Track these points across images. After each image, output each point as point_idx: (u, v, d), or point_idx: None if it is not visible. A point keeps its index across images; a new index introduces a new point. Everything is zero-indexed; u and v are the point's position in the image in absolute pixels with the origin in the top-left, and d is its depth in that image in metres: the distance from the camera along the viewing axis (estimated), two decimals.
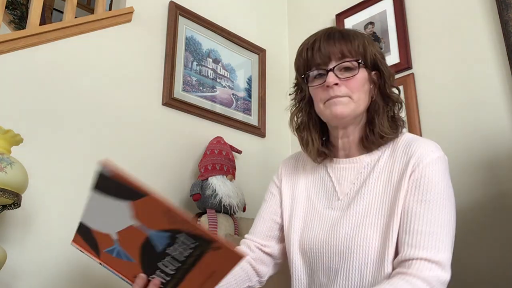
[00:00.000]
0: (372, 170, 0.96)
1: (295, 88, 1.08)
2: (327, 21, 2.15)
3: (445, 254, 0.83)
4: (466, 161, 1.52)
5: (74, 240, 0.78)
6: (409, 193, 0.88)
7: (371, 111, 0.98)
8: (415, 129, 1.67)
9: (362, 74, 0.95)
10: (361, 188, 0.96)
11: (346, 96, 0.93)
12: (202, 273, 0.72)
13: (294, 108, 1.07)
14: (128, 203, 0.68)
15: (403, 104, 1.00)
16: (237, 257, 0.68)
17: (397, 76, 1.80)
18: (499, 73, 1.52)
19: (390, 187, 0.92)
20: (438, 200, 0.87)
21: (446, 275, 0.82)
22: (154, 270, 0.75)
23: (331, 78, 0.92)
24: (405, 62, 1.78)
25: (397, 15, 1.87)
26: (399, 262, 0.85)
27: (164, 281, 0.75)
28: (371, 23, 1.97)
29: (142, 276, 0.76)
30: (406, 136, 0.99)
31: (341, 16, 2.08)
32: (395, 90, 1.00)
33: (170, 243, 0.70)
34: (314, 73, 0.97)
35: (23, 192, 1.13)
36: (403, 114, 1.72)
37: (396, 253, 0.87)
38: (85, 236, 0.76)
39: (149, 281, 0.76)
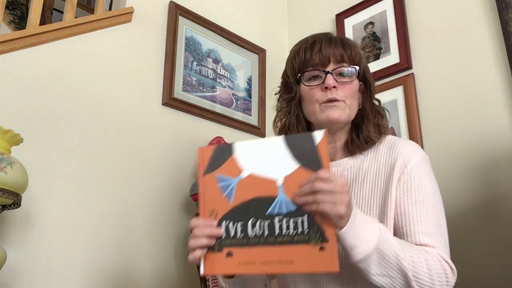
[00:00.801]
0: (357, 173, 0.96)
1: (283, 88, 1.04)
2: (327, 21, 2.15)
3: (448, 252, 0.85)
4: (466, 160, 1.52)
5: (203, 148, 0.79)
6: (402, 195, 0.89)
7: (358, 117, 0.99)
8: (415, 129, 1.68)
9: (356, 82, 0.97)
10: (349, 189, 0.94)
11: (342, 100, 0.94)
12: (277, 254, 0.72)
13: (281, 109, 1.04)
14: (296, 166, 0.73)
15: (385, 114, 1.01)
16: (332, 266, 0.68)
17: (397, 76, 1.80)
18: (499, 73, 1.52)
19: (377, 191, 0.92)
20: (430, 200, 0.88)
21: (454, 277, 0.82)
22: (236, 220, 0.75)
23: (330, 80, 0.93)
24: (405, 62, 1.78)
25: (397, 15, 1.87)
26: None
27: (228, 234, 0.75)
28: (371, 23, 1.97)
29: (213, 223, 0.76)
30: (387, 138, 0.99)
31: (341, 16, 2.08)
32: (376, 102, 1.02)
33: (285, 214, 0.72)
34: (310, 73, 0.96)
35: (23, 192, 1.13)
36: (402, 114, 1.74)
37: None
38: (219, 153, 0.78)
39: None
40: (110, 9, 1.97)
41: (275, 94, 1.07)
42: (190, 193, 1.63)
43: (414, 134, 1.67)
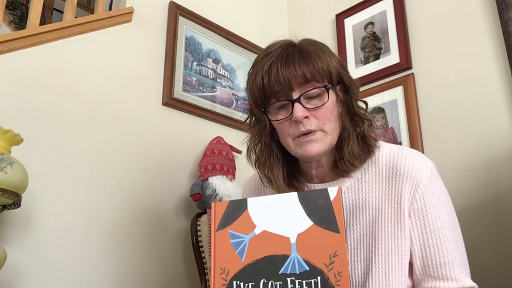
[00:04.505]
0: (356, 196, 0.87)
1: (251, 117, 0.92)
2: (327, 21, 2.15)
3: (467, 271, 0.82)
4: (466, 161, 1.52)
5: (217, 204, 0.78)
6: (417, 225, 0.82)
7: (340, 136, 0.87)
8: (415, 129, 1.68)
9: (331, 99, 0.83)
10: (348, 219, 0.86)
11: (319, 130, 0.82)
12: None
13: (251, 141, 0.92)
14: (310, 223, 0.71)
15: (372, 121, 0.88)
16: None
17: (397, 76, 1.80)
18: (499, 73, 1.52)
19: (381, 218, 0.84)
20: (447, 223, 0.82)
21: None
22: (247, 281, 0.73)
23: (299, 111, 0.80)
24: (405, 62, 1.78)
25: (397, 15, 1.87)
26: None
27: None
28: (371, 23, 1.97)
29: None
30: (384, 151, 0.87)
31: (341, 16, 2.08)
32: (361, 104, 0.89)
33: (298, 275, 0.69)
34: (275, 105, 0.84)
35: (23, 192, 1.13)
36: (402, 114, 1.74)
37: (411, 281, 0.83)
38: (232, 208, 0.76)
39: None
40: (110, 9, 1.97)
41: (244, 121, 0.96)
42: (190, 193, 1.63)
43: (414, 134, 1.67)
